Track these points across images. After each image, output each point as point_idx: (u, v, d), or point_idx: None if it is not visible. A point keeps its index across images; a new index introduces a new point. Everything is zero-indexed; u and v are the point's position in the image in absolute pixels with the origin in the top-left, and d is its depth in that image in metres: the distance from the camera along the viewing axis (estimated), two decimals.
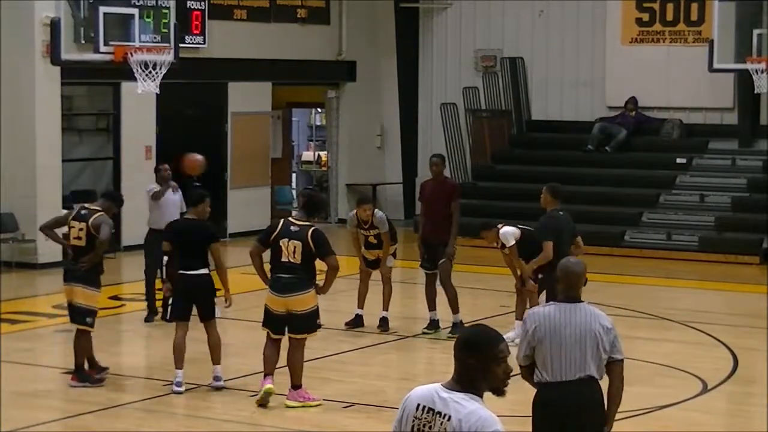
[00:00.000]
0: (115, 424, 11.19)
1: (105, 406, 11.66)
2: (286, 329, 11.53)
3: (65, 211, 13.87)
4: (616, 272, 19.91)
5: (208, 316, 12.11)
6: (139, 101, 19.79)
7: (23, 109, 19.53)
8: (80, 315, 12.35)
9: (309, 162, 30.01)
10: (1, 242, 19.47)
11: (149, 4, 16.26)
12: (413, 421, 4.93)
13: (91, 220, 12.26)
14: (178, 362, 12.04)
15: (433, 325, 14.85)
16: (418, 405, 4.94)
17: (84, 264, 12.18)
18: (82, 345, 12.38)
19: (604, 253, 21.19)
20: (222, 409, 11.60)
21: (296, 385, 11.58)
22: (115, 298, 17.67)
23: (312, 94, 27.08)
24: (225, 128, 23.38)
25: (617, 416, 7.38)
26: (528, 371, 7.42)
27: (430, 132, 26.06)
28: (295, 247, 11.38)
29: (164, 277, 12.67)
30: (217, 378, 12.15)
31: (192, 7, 22.10)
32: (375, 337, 14.72)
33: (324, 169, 28.08)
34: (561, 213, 13.07)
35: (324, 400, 11.76)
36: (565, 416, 7.27)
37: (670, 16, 24.14)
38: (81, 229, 12.26)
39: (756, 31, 20.58)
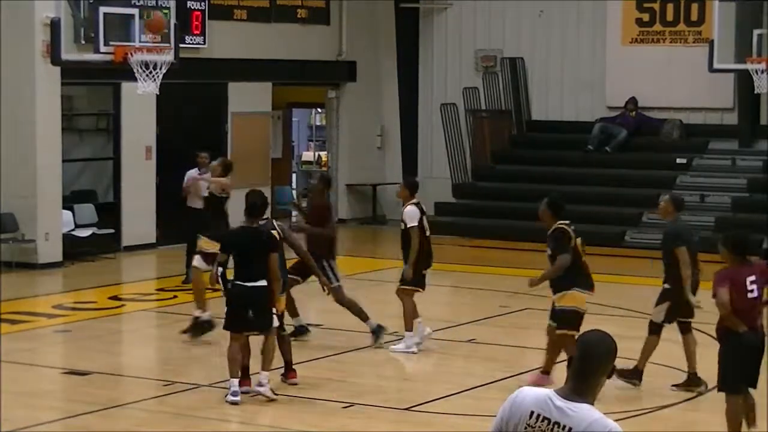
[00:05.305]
0: (115, 424, 11.18)
1: (105, 406, 11.65)
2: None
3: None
4: (616, 272, 19.88)
5: (264, 328, 11.72)
6: (139, 101, 19.76)
7: (23, 109, 19.51)
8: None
9: (309, 162, 30.01)
10: (1, 242, 19.45)
11: (149, 4, 16.26)
12: (526, 428, 4.80)
13: None
14: (233, 372, 11.68)
15: (376, 332, 14.17)
16: (532, 412, 4.80)
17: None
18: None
19: (604, 253, 21.15)
20: (221, 409, 11.58)
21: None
22: (115, 298, 17.65)
23: (312, 94, 27.06)
24: (225, 128, 23.35)
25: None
26: None
27: (430, 132, 26.04)
28: None
29: (220, 284, 12.31)
30: (260, 384, 11.74)
31: (192, 7, 22.08)
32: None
33: (324, 169, 28.05)
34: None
35: (324, 400, 11.82)
36: None
37: (670, 17, 24.13)
38: None
39: (756, 31, 20.55)
